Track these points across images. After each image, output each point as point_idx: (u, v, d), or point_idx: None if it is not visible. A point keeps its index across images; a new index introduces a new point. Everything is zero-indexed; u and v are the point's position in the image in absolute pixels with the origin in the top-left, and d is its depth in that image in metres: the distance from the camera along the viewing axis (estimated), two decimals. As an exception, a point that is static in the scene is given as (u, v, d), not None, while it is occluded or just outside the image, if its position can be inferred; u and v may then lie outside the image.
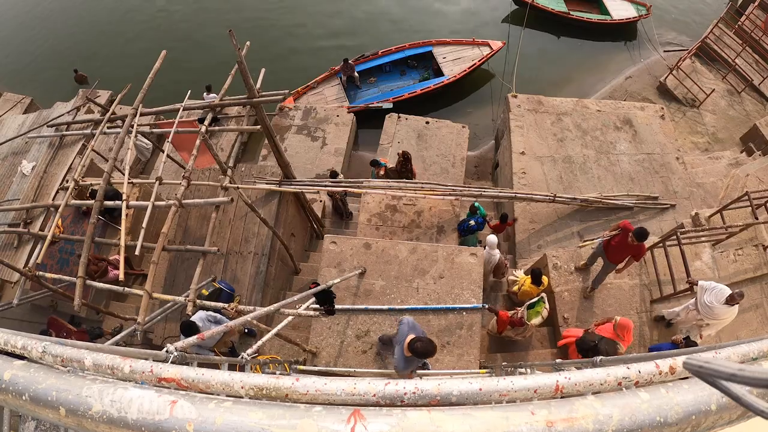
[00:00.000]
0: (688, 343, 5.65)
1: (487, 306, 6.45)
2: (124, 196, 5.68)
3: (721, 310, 5.76)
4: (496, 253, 7.21)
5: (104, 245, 8.06)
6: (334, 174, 9.07)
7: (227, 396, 1.16)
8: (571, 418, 0.82)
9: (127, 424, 0.88)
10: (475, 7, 16.57)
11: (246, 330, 7.11)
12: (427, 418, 0.79)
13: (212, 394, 1.21)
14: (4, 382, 0.99)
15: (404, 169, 9.07)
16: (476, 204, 8.09)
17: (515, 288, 7.22)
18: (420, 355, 4.07)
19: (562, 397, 1.12)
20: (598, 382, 1.21)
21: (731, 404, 0.90)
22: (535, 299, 6.47)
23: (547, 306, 6.48)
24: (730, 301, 5.65)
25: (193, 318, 5.49)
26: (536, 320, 6.34)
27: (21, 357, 1.32)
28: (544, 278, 6.79)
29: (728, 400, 0.89)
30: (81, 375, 1.02)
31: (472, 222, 7.84)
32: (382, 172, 8.97)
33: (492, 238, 7.16)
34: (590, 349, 5.48)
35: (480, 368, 6.03)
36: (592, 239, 7.85)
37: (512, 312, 6.56)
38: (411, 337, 4.17)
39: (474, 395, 1.14)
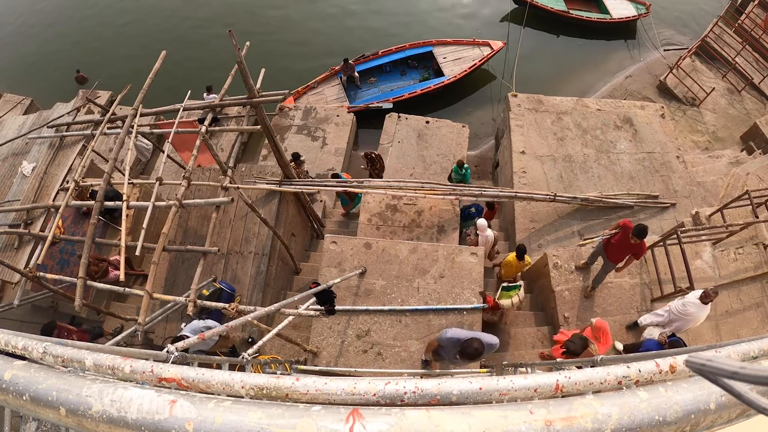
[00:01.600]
0: (672, 342, 5.63)
1: (486, 306, 6.46)
2: (125, 197, 5.68)
3: (694, 306, 5.73)
4: (490, 233, 7.57)
5: (105, 246, 8.07)
6: (296, 156, 9.15)
7: (228, 396, 1.17)
8: (569, 417, 0.82)
9: (127, 424, 0.88)
10: (474, 6, 16.57)
11: (249, 339, 7.10)
12: (426, 417, 0.80)
13: (213, 394, 1.21)
14: (5, 382, 0.99)
15: (373, 170, 9.20)
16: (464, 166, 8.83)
17: (501, 262, 7.58)
18: (463, 351, 4.17)
19: (562, 396, 1.13)
20: (598, 381, 1.22)
21: (730, 403, 0.90)
22: (514, 284, 6.51)
23: (522, 295, 6.57)
24: (704, 298, 5.63)
25: (186, 330, 5.50)
26: (505, 302, 6.39)
27: (22, 358, 1.33)
28: (527, 257, 7.08)
29: (727, 399, 0.89)
30: (81, 375, 1.02)
31: (473, 209, 8.43)
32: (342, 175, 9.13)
33: (482, 221, 7.53)
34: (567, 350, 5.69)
35: (480, 367, 6.03)
36: (592, 238, 7.85)
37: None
38: (475, 336, 4.30)
39: (474, 394, 1.14)
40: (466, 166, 9.08)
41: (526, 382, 1.17)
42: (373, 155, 9.37)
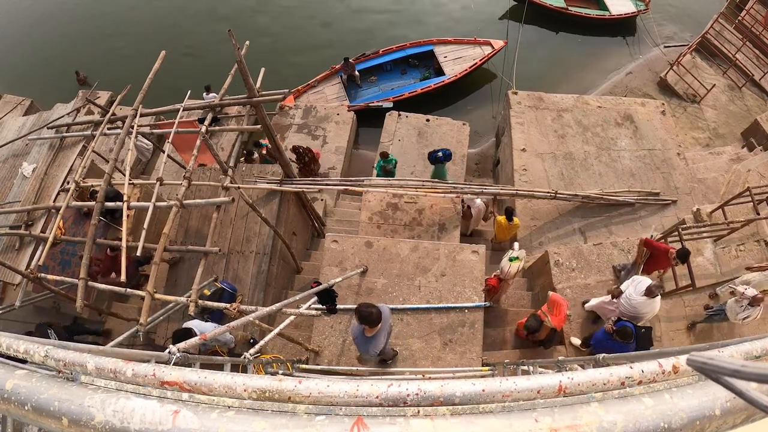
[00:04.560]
0: (619, 328, 5.40)
1: (489, 305, 6.48)
2: (125, 197, 5.67)
3: (640, 302, 5.62)
4: (479, 202, 8.08)
5: (106, 246, 8.05)
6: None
7: (229, 398, 1.16)
8: (574, 425, 0.81)
9: (130, 434, 0.87)
10: (473, 4, 16.52)
11: (251, 340, 7.10)
12: (431, 426, 0.79)
13: (215, 396, 1.21)
14: (6, 392, 0.98)
15: (302, 164, 9.38)
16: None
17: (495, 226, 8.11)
18: (358, 309, 4.23)
19: (564, 396, 1.12)
20: (601, 381, 1.21)
21: (735, 408, 0.89)
22: (516, 253, 6.54)
23: (524, 264, 6.78)
24: (648, 293, 5.53)
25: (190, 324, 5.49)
26: (514, 264, 6.46)
27: (23, 361, 1.32)
28: (516, 219, 7.79)
29: (732, 404, 0.89)
30: (83, 384, 1.01)
31: (440, 154, 8.90)
32: (264, 151, 9.49)
33: (468, 195, 7.97)
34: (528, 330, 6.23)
35: (482, 366, 6.03)
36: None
37: (494, 273, 6.74)
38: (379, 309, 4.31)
39: (477, 396, 1.13)
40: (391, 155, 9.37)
41: (528, 384, 1.16)
42: (300, 149, 9.67)
